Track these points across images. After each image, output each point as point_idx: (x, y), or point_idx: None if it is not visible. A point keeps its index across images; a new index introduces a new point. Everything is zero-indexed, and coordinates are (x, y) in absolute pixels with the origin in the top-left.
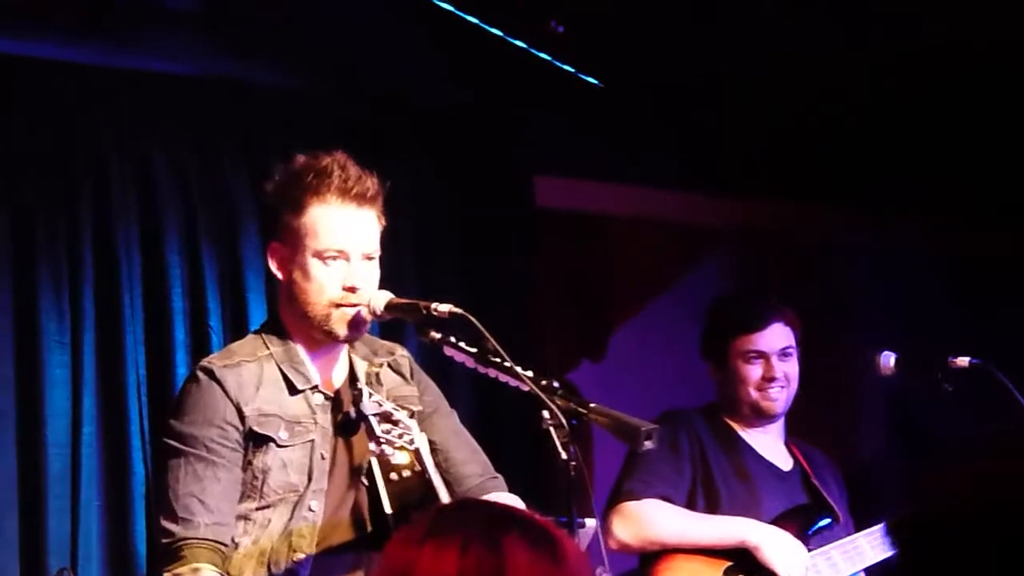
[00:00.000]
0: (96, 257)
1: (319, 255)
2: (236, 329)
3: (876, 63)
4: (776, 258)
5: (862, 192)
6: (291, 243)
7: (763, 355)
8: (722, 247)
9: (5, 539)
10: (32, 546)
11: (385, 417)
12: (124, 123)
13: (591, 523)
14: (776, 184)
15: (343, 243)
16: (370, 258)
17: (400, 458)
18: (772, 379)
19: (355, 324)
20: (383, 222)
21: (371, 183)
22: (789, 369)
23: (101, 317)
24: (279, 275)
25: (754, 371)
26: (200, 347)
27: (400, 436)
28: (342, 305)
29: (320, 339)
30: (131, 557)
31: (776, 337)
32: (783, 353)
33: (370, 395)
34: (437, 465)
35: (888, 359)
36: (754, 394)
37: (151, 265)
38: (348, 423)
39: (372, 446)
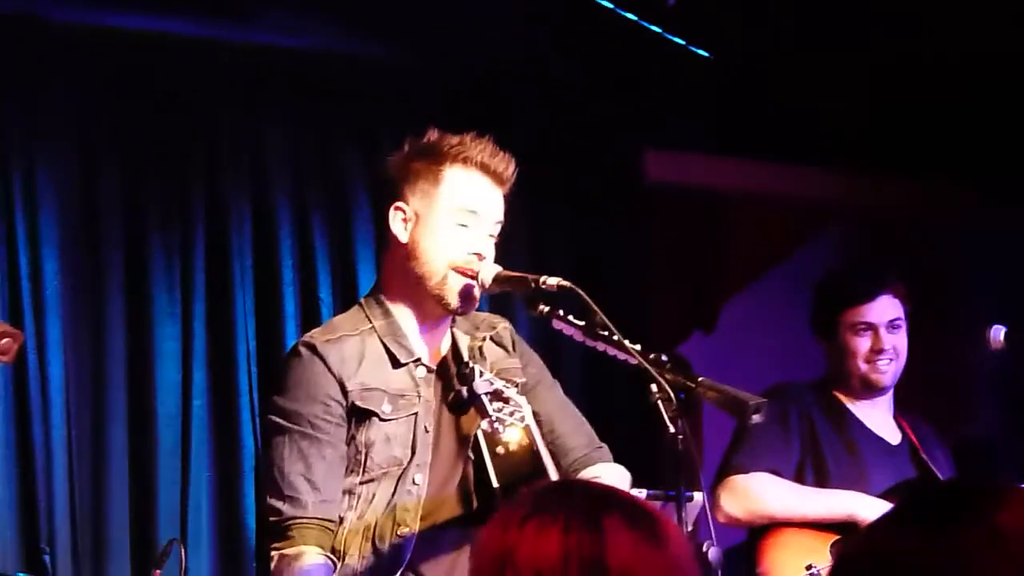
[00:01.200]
0: (207, 229)
1: (453, 215)
2: (346, 301)
3: (1009, 33)
4: (889, 236)
5: (980, 173)
6: (422, 203)
7: (872, 327)
8: (835, 224)
9: (116, 510)
10: (142, 518)
11: (497, 395)
12: (238, 96)
13: (699, 497)
14: (892, 162)
15: (480, 205)
16: (496, 233)
17: (511, 435)
18: (881, 351)
19: (467, 296)
20: (505, 206)
21: (509, 163)
22: (898, 342)
23: (212, 289)
24: (401, 235)
25: (863, 343)
26: (310, 319)
27: (511, 414)
28: (461, 271)
29: (429, 309)
30: (240, 530)
31: (885, 309)
32: (892, 325)
33: (480, 373)
34: (542, 437)
35: (998, 333)
36: (863, 366)
37: (262, 237)
38: (460, 402)
39: (484, 425)
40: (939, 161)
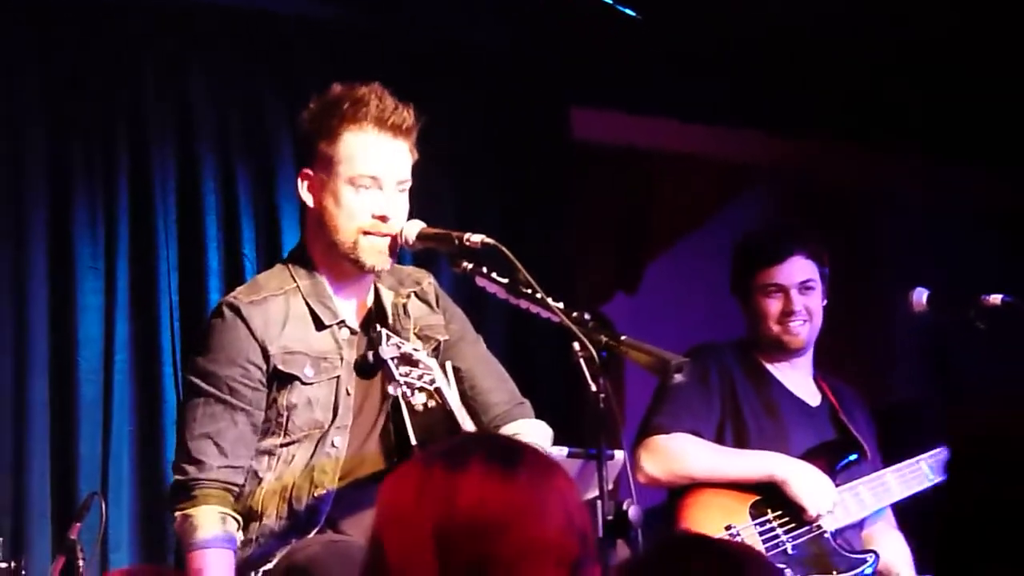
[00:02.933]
0: (131, 184)
1: (352, 181)
2: (270, 257)
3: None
4: (813, 197)
5: (903, 136)
6: (324, 170)
7: (782, 288)
8: (760, 185)
9: (37, 463)
10: (63, 471)
11: (405, 359)
12: (164, 52)
13: (619, 455)
14: (817, 124)
15: (377, 169)
16: (402, 189)
17: (420, 398)
18: (792, 313)
19: (380, 255)
20: (416, 155)
21: (407, 114)
22: (810, 303)
23: (135, 244)
24: (310, 202)
25: (774, 305)
26: (234, 275)
27: (420, 377)
28: (371, 233)
29: (347, 269)
30: (161, 484)
31: (796, 270)
32: (803, 286)
33: (388, 338)
34: (463, 393)
35: (920, 295)
36: (775, 328)
37: (186, 193)
38: (366, 366)
39: (391, 389)
40: (863, 124)
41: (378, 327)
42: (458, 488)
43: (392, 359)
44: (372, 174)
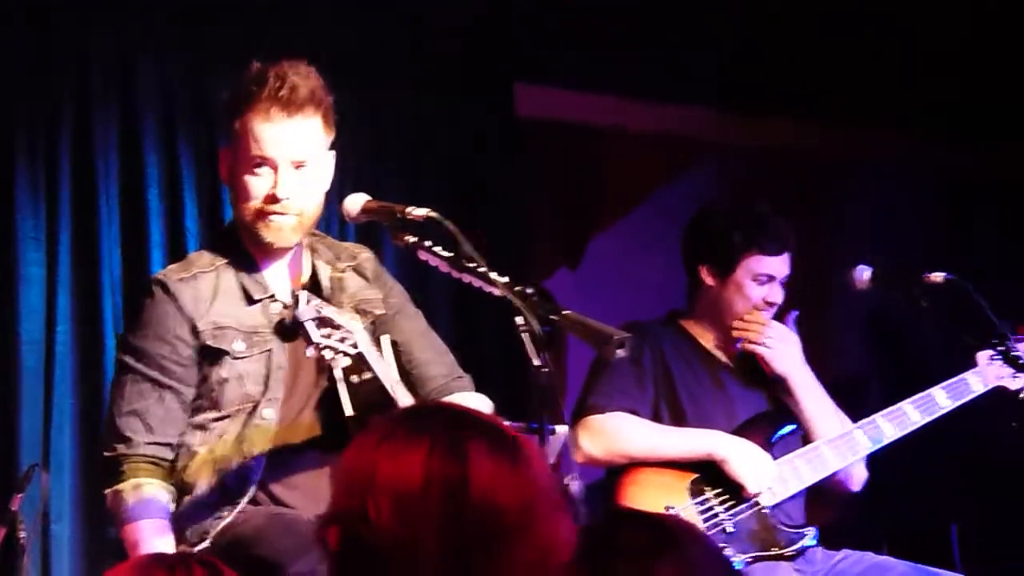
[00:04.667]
0: (73, 155)
1: (248, 163)
2: (212, 230)
3: None
4: (759, 172)
5: (845, 107)
6: (231, 149)
7: (772, 279)
8: (705, 160)
9: None
10: (4, 441)
11: (324, 322)
12: (109, 19)
13: (562, 430)
14: (762, 97)
15: (268, 150)
16: (300, 166)
17: (343, 362)
18: (772, 304)
19: (282, 231)
20: (329, 130)
21: (304, 91)
22: (781, 297)
23: (77, 215)
24: (225, 180)
25: (758, 291)
26: (176, 248)
27: (342, 340)
28: (268, 214)
29: (262, 245)
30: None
31: (785, 265)
32: (783, 282)
33: (308, 300)
34: (401, 367)
35: (863, 273)
36: (745, 312)
37: (129, 164)
38: (286, 328)
39: (309, 352)
40: (808, 99)
41: (297, 291)
42: (469, 475)
43: (311, 320)
44: (263, 155)
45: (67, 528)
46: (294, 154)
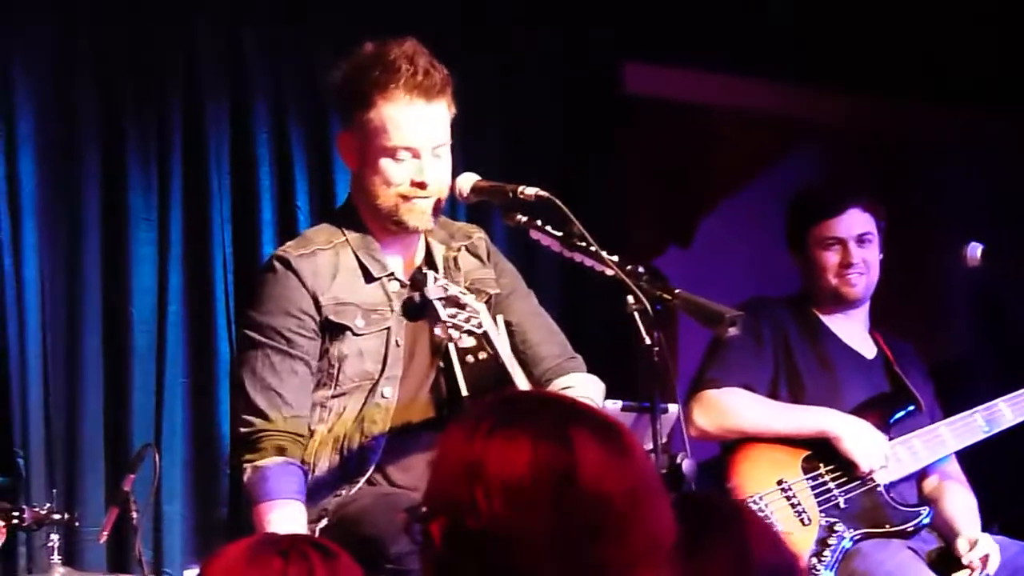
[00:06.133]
0: (185, 134)
1: (388, 152)
2: (323, 209)
3: None
4: (870, 153)
5: (959, 89)
6: (360, 136)
7: (840, 241)
8: (814, 140)
9: (90, 414)
10: (116, 422)
11: (451, 301)
12: (218, 2)
13: (673, 409)
14: (873, 79)
15: (413, 140)
16: (440, 152)
17: (467, 342)
18: (850, 265)
19: (424, 214)
20: (453, 110)
21: (438, 75)
22: (868, 255)
23: (188, 194)
24: (350, 164)
25: (832, 257)
26: (287, 226)
27: (467, 320)
28: (411, 198)
29: (391, 228)
30: (214, 436)
31: (853, 223)
32: (861, 239)
33: (435, 279)
34: (514, 347)
35: (975, 250)
36: (833, 280)
37: (240, 143)
38: (412, 307)
39: (437, 331)
40: (918, 80)
41: (423, 268)
42: (577, 465)
43: (439, 299)
44: (408, 145)
45: (179, 508)
46: (435, 140)
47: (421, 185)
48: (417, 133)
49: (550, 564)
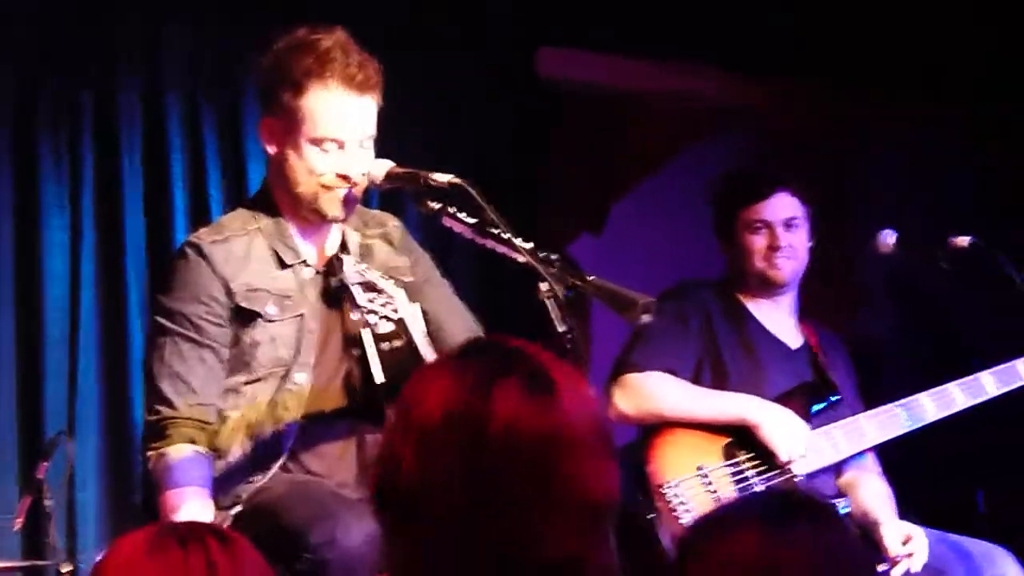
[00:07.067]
0: (96, 121)
1: (316, 141)
2: (236, 196)
3: None
4: (787, 138)
5: (876, 74)
6: (287, 121)
7: (767, 224)
8: (732, 125)
9: (3, 402)
10: (29, 409)
11: (368, 286)
12: None
13: None
14: (787, 63)
15: (341, 133)
16: (367, 144)
17: (385, 327)
18: (777, 248)
19: (343, 206)
20: (381, 102)
21: (372, 69)
22: (795, 240)
23: (101, 181)
24: (271, 150)
25: (759, 241)
26: (199, 214)
27: (384, 305)
28: (333, 188)
29: (309, 217)
30: (127, 423)
31: (781, 207)
32: (788, 223)
33: (353, 264)
34: (430, 335)
35: (887, 237)
36: (760, 264)
37: (152, 130)
38: (330, 292)
39: (354, 315)
40: (836, 63)
41: (339, 255)
42: (492, 406)
43: (356, 284)
44: (335, 137)
45: (92, 495)
46: (364, 132)
47: (346, 178)
48: (346, 126)
49: (463, 519)
